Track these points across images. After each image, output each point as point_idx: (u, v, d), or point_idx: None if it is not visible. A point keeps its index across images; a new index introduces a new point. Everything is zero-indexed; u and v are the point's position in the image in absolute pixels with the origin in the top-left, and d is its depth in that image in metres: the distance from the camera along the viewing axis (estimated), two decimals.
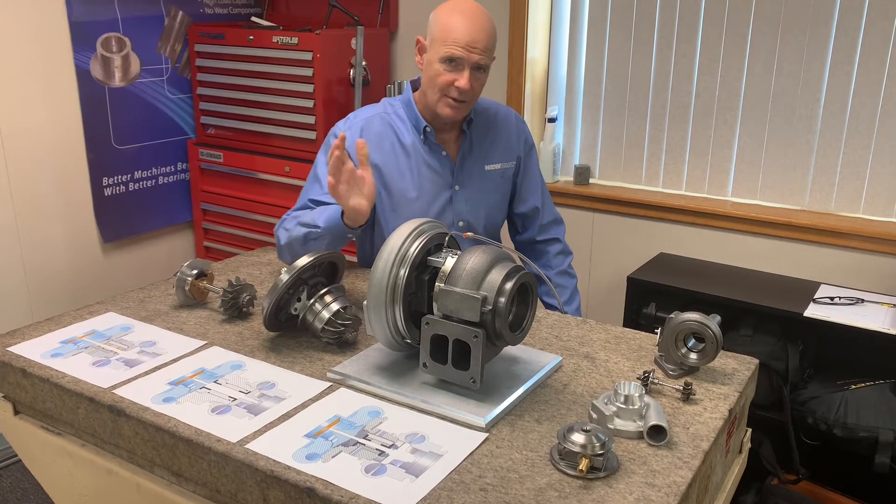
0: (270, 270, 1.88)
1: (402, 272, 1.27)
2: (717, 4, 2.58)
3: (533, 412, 1.26)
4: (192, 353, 1.44)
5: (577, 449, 1.08)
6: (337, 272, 1.56)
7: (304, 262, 1.43)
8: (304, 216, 1.71)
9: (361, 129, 1.83)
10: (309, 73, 2.81)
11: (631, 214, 2.81)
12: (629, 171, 2.89)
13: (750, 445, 1.53)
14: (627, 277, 2.49)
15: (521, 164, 2.01)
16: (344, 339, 1.47)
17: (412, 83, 1.90)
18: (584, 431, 1.09)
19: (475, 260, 1.24)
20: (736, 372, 1.40)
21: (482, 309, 1.20)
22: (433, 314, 1.26)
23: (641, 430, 1.17)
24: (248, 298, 1.59)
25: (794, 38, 2.49)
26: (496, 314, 1.21)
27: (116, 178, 2.99)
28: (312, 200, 1.79)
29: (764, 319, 2.28)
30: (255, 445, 1.15)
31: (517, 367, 1.38)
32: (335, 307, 1.45)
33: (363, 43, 2.86)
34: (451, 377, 1.26)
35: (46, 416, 1.41)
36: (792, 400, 2.19)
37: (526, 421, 1.23)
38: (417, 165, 1.85)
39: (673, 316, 1.38)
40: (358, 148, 1.55)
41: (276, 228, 1.79)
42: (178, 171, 3.24)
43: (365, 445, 1.15)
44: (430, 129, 1.85)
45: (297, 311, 1.47)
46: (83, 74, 2.80)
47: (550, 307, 2.01)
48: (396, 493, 1.04)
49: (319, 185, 1.80)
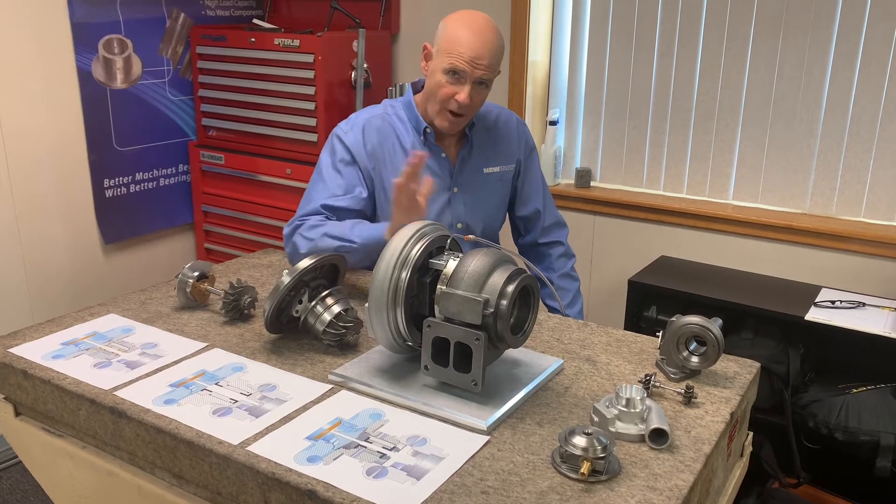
0: (272, 272, 1.88)
1: (403, 275, 1.27)
2: (718, 8, 2.58)
3: (534, 415, 1.26)
4: (193, 354, 1.44)
5: (578, 452, 1.07)
6: (338, 274, 1.56)
7: (305, 264, 1.43)
8: (331, 228, 1.70)
9: (363, 128, 1.83)
10: (310, 75, 2.81)
11: (632, 217, 2.81)
12: (630, 174, 2.89)
13: (751, 449, 1.53)
14: (628, 280, 2.49)
15: (521, 167, 2.01)
16: (345, 341, 1.47)
17: (413, 85, 1.90)
18: (585, 434, 1.09)
19: (477, 263, 1.24)
20: (737, 375, 1.40)
21: (484, 312, 1.20)
22: (435, 317, 1.26)
23: (643, 433, 1.17)
24: (249, 300, 1.59)
25: (795, 41, 2.49)
26: (498, 317, 1.21)
27: (117, 179, 2.99)
28: (326, 206, 1.78)
29: (765, 323, 2.28)
30: (256, 448, 1.14)
31: (518, 369, 1.38)
32: (337, 309, 1.45)
33: (365, 45, 2.86)
34: (452, 380, 1.26)
35: (47, 417, 1.41)
36: (793, 403, 2.19)
37: (527, 424, 1.23)
38: None
39: (674, 319, 1.38)
40: (416, 162, 1.55)
41: (289, 233, 1.77)
42: (179, 172, 3.24)
43: (366, 448, 1.15)
44: (430, 130, 1.85)
45: (298, 313, 1.47)
46: (85, 76, 2.80)
47: (553, 310, 2.01)
48: (398, 495, 1.04)
49: (326, 188, 1.80)
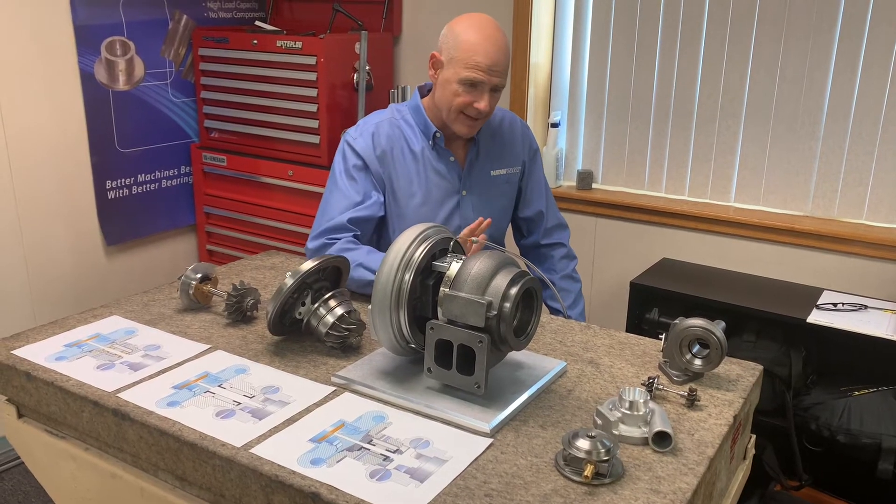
0: (274, 274, 1.88)
1: (406, 277, 1.27)
2: (720, 10, 2.58)
3: (537, 418, 1.26)
4: (196, 356, 1.44)
5: (582, 455, 1.07)
6: (341, 276, 1.56)
7: (308, 266, 1.43)
8: (366, 259, 1.71)
9: (372, 134, 1.84)
10: (313, 77, 2.81)
11: (634, 219, 2.81)
12: (632, 176, 2.89)
13: (754, 452, 1.53)
14: (630, 282, 2.49)
15: (525, 168, 2.02)
16: (348, 343, 1.47)
17: (420, 89, 1.90)
18: (589, 437, 1.09)
19: (480, 265, 1.24)
20: (740, 378, 1.40)
21: (487, 314, 1.20)
22: (438, 319, 1.26)
23: (646, 436, 1.17)
24: (252, 302, 1.59)
25: (797, 43, 2.49)
26: (501, 319, 1.21)
27: (120, 181, 2.99)
28: (353, 221, 1.78)
29: (767, 325, 2.28)
30: (259, 450, 1.14)
31: (521, 372, 1.38)
32: (339, 311, 1.45)
33: (367, 47, 2.86)
34: (455, 382, 1.26)
35: (50, 419, 1.41)
36: (795, 406, 2.19)
37: (530, 426, 1.23)
38: (425, 171, 1.85)
39: (677, 322, 1.38)
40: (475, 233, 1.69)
41: (316, 248, 1.77)
42: (181, 174, 3.24)
43: (370, 450, 1.15)
44: (439, 134, 1.85)
45: (301, 315, 1.47)
46: (87, 77, 2.80)
47: (555, 311, 2.01)
48: (401, 498, 1.04)
49: (344, 196, 1.80)
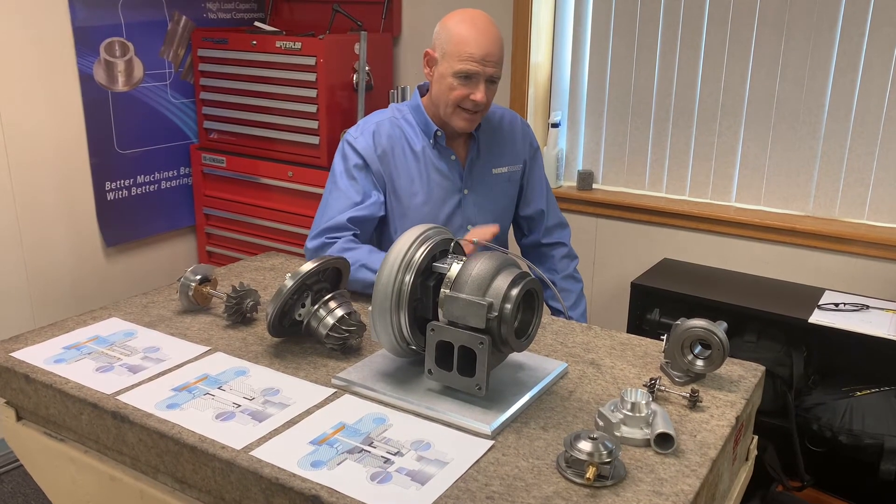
0: (274, 276, 1.87)
1: (407, 278, 1.27)
2: (720, 10, 2.58)
3: (539, 419, 1.25)
4: (195, 358, 1.43)
5: (583, 457, 1.07)
6: (341, 278, 1.55)
7: (308, 267, 1.42)
8: (368, 259, 1.70)
9: (373, 133, 1.83)
10: (312, 77, 2.80)
11: (634, 220, 2.80)
12: (632, 176, 2.88)
13: (756, 452, 1.52)
14: (631, 283, 2.48)
15: (526, 167, 2.02)
16: (348, 345, 1.46)
17: (419, 88, 1.90)
18: (590, 439, 1.08)
19: (481, 266, 1.24)
20: (742, 379, 1.40)
21: (488, 315, 1.20)
22: (438, 320, 1.25)
23: (648, 437, 1.17)
24: (251, 304, 1.59)
25: (798, 43, 2.48)
26: (502, 320, 1.21)
27: (119, 182, 2.99)
28: (353, 220, 1.78)
29: (768, 326, 2.27)
30: (259, 452, 1.14)
31: (522, 373, 1.37)
32: (340, 313, 1.45)
33: (366, 48, 2.86)
34: (456, 384, 1.26)
35: (49, 422, 1.41)
36: (797, 406, 2.18)
37: (532, 428, 1.22)
38: (427, 170, 1.85)
39: (679, 322, 1.38)
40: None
41: (315, 248, 1.77)
42: (180, 175, 3.24)
43: (370, 453, 1.14)
44: (441, 133, 1.85)
45: (301, 316, 1.46)
46: (86, 79, 2.80)
47: (556, 312, 2.00)
48: (402, 500, 1.04)
49: (344, 195, 1.80)
